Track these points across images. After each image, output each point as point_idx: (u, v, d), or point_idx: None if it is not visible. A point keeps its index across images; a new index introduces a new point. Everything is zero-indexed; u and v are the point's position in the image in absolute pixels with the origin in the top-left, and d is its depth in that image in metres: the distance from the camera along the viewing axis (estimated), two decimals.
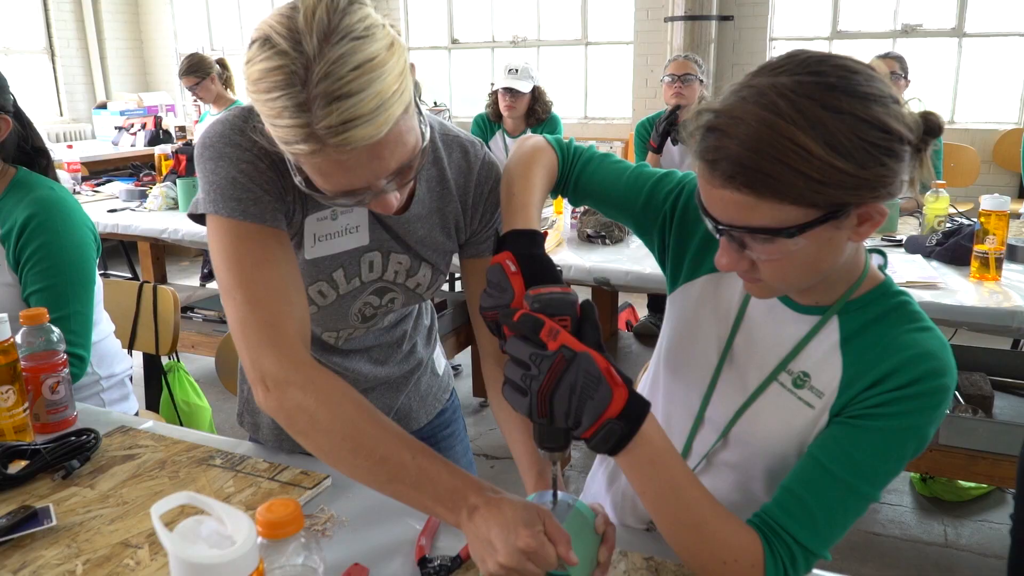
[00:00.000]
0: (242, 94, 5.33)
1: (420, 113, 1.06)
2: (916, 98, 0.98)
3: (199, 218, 1.15)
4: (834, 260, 0.98)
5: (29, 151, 1.89)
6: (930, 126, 0.95)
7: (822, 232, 0.92)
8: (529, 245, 1.07)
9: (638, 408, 0.94)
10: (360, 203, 1.05)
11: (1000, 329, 2.35)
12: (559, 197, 3.58)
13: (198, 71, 4.89)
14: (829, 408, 1.04)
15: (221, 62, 5.08)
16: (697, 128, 0.94)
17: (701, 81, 4.07)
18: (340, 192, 1.02)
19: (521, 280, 1.01)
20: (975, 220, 2.70)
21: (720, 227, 0.95)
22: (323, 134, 0.92)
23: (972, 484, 3.08)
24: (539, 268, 1.03)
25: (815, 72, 0.90)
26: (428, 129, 1.08)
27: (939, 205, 3.07)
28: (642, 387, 1.37)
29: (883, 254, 1.13)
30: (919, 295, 2.36)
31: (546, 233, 1.15)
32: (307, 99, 0.91)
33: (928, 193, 3.10)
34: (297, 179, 1.05)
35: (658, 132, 4.05)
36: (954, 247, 2.78)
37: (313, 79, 0.91)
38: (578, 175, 1.28)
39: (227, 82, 5.11)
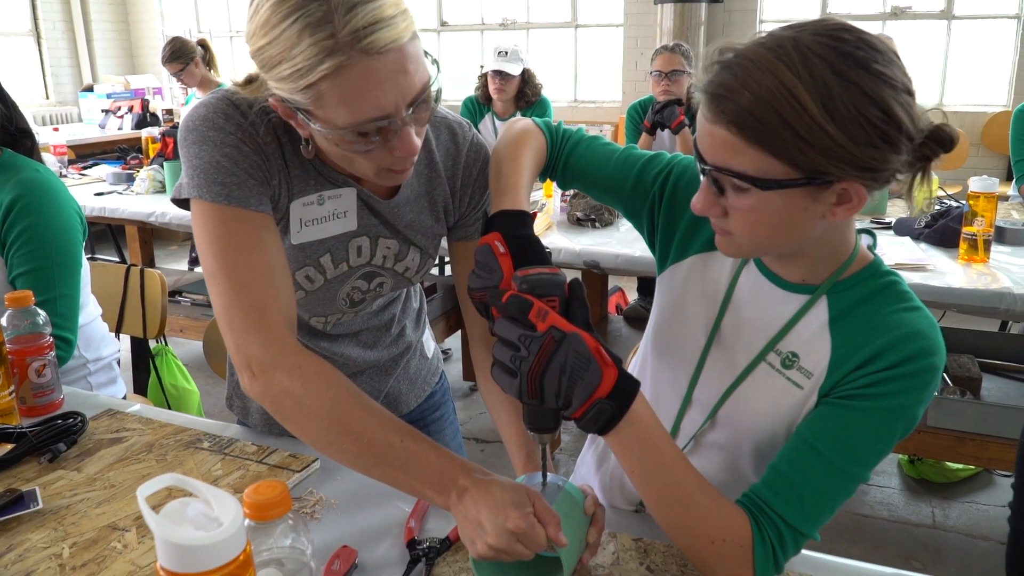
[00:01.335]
0: (226, 75, 5.31)
1: (427, 53, 1.05)
2: (940, 109, 0.98)
3: (183, 203, 1.14)
4: (804, 232, 0.98)
5: (13, 132, 1.87)
6: (941, 137, 0.95)
7: (798, 197, 0.92)
8: (517, 226, 1.06)
9: (627, 387, 0.94)
10: (375, 149, 1.03)
11: (988, 311, 2.36)
12: (548, 180, 3.58)
13: (181, 56, 4.83)
14: (818, 388, 1.04)
15: (202, 43, 5.02)
16: (713, 63, 0.95)
17: (689, 74, 4.05)
18: (367, 119, 0.98)
19: (510, 261, 1.01)
20: (964, 202, 2.71)
21: (704, 166, 0.96)
22: (348, 40, 0.92)
23: (960, 466, 3.10)
24: (527, 248, 1.02)
25: (837, 38, 0.90)
26: (437, 70, 1.06)
27: (928, 188, 3.07)
28: (631, 368, 1.37)
29: (872, 234, 1.13)
30: (908, 277, 2.37)
31: (535, 215, 1.14)
32: (328, 10, 0.92)
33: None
34: (314, 126, 1.01)
35: (652, 112, 4.05)
36: (943, 229, 2.79)
37: None
38: (567, 157, 1.28)
39: (210, 63, 5.05)
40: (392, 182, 1.15)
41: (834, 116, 0.87)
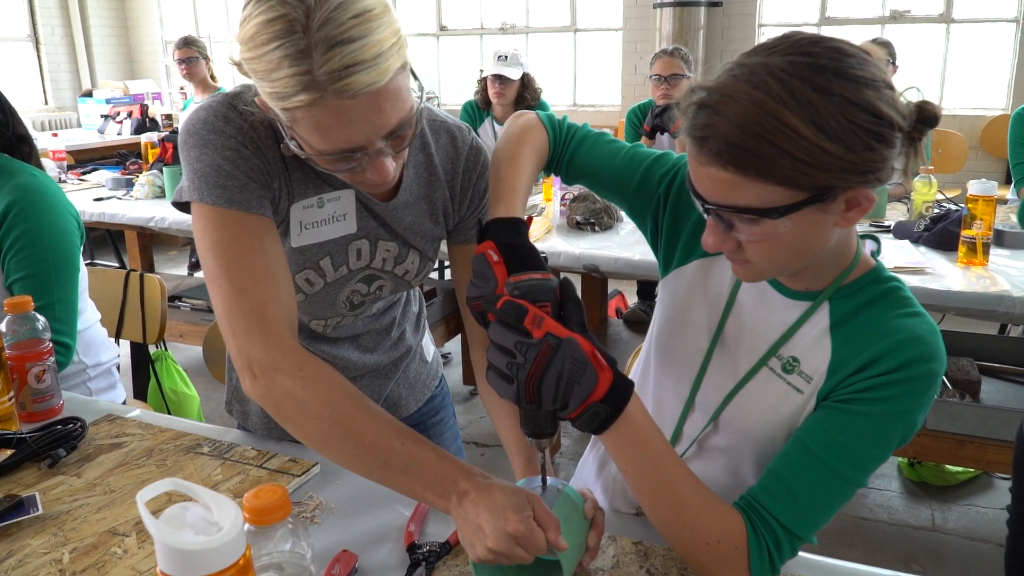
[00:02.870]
0: (226, 83, 5.36)
1: (415, 78, 1.06)
2: (915, 87, 0.98)
3: (183, 206, 1.14)
4: (821, 244, 0.98)
5: (10, 137, 1.87)
6: (926, 116, 0.94)
7: (808, 215, 0.91)
8: (511, 233, 1.06)
9: (622, 389, 0.95)
10: (354, 169, 1.04)
11: (987, 314, 2.36)
12: (548, 181, 3.56)
13: (196, 45, 4.95)
14: (817, 393, 1.04)
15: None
16: (689, 105, 0.94)
17: (688, 77, 4.06)
18: (338, 151, 1.00)
19: (504, 269, 1.01)
20: (963, 206, 2.71)
21: (707, 206, 0.95)
22: (324, 80, 0.92)
23: (959, 468, 3.09)
24: (521, 255, 1.02)
25: (808, 53, 0.89)
26: (423, 96, 1.07)
27: (927, 191, 3.08)
28: (634, 372, 1.37)
29: (877, 240, 1.12)
30: (907, 280, 2.37)
31: (531, 219, 1.15)
32: (308, 45, 0.91)
33: (916, 179, 3.10)
34: (291, 144, 1.03)
35: (652, 116, 4.06)
36: (942, 232, 2.79)
37: (314, 26, 0.91)
38: (571, 155, 1.26)
39: (211, 74, 5.13)
40: (372, 192, 1.16)
41: (827, 132, 0.86)
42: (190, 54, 4.93)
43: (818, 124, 0.86)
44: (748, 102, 0.87)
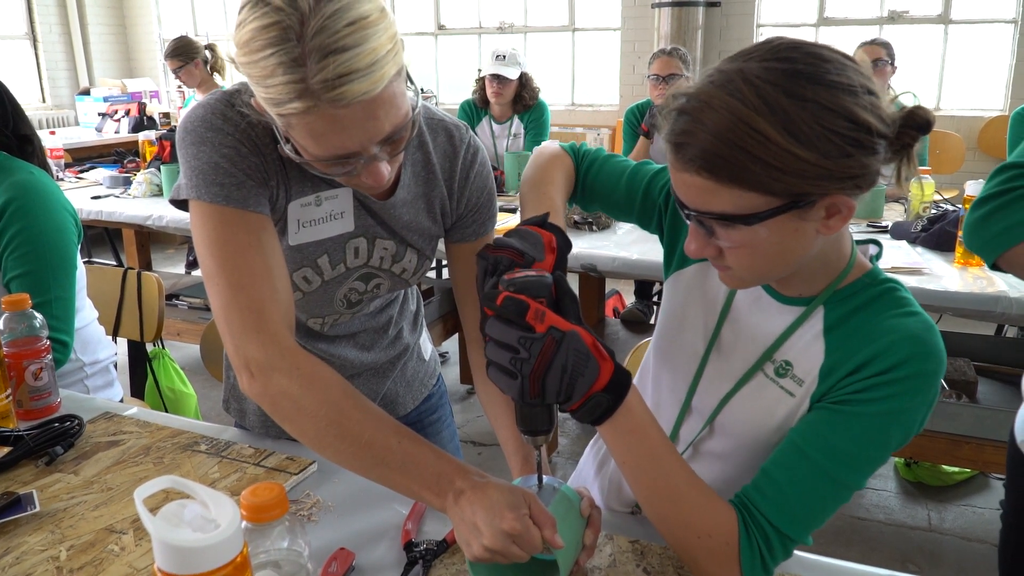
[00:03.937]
0: (231, 81, 5.32)
1: (411, 81, 1.06)
2: (911, 92, 0.97)
3: (181, 204, 1.14)
4: (802, 252, 0.97)
5: (9, 136, 1.87)
6: (917, 122, 0.94)
7: (786, 222, 0.91)
8: (566, 248, 1.08)
9: (622, 379, 0.96)
10: (350, 173, 1.04)
11: (984, 314, 2.37)
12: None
13: (183, 54, 4.85)
14: (810, 395, 1.04)
15: (211, 47, 5.03)
16: (670, 111, 0.95)
17: (687, 78, 4.07)
18: (332, 156, 1.00)
19: (553, 259, 1.03)
20: (960, 206, 2.72)
21: (687, 212, 0.96)
22: (318, 89, 0.92)
23: (956, 469, 3.10)
24: (563, 267, 1.06)
25: (785, 59, 0.89)
26: (419, 100, 1.07)
27: (924, 191, 3.08)
28: (637, 373, 1.37)
29: (879, 244, 1.12)
30: (903, 281, 2.37)
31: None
32: (302, 53, 0.91)
33: (913, 180, 3.11)
34: (287, 147, 1.03)
35: (650, 116, 4.07)
36: (939, 233, 2.80)
37: (308, 34, 0.91)
38: (584, 177, 1.30)
39: (214, 68, 5.06)
40: (369, 192, 1.16)
41: (799, 138, 0.86)
42: (177, 64, 4.86)
43: (790, 131, 0.86)
44: (722, 108, 0.88)
